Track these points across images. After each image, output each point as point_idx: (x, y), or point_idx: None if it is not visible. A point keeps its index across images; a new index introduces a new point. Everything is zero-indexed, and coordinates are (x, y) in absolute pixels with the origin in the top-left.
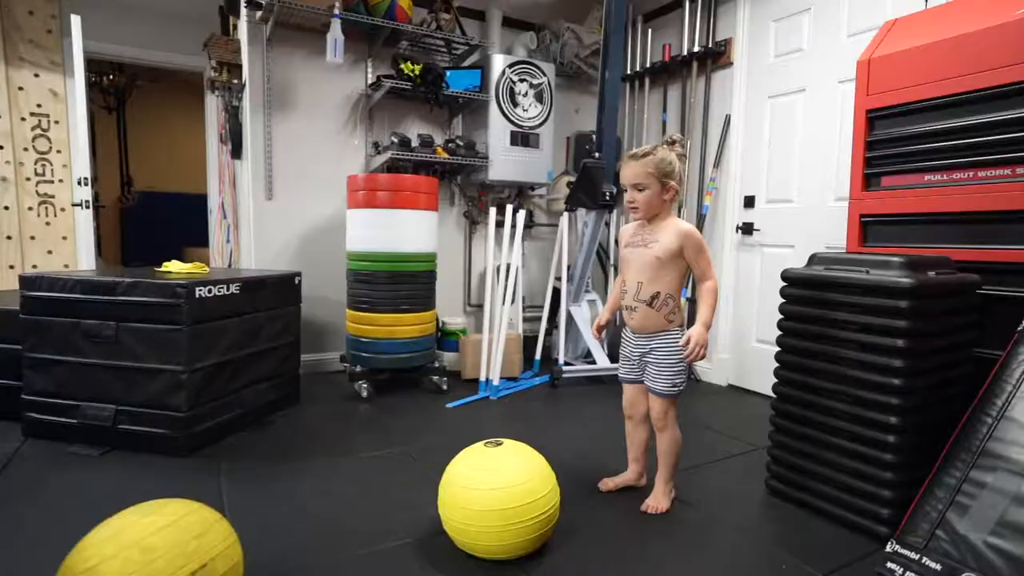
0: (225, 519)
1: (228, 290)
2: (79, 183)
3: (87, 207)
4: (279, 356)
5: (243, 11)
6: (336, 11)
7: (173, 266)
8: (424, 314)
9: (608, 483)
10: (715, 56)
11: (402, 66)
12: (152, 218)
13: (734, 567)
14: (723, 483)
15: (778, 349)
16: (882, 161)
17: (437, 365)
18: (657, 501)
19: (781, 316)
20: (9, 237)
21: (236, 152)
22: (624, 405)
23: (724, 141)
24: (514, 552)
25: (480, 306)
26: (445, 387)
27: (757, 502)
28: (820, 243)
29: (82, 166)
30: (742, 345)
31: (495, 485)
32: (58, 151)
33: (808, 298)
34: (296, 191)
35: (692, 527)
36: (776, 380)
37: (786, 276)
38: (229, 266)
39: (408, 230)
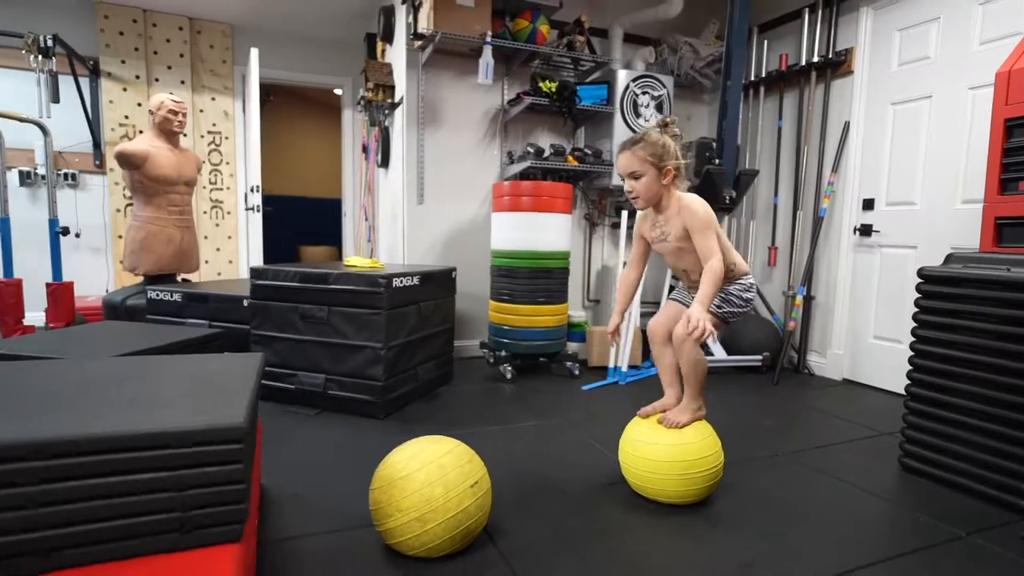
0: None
1: (413, 281)
2: (252, 190)
3: (257, 211)
4: (440, 340)
5: (404, 40)
6: (488, 38)
7: (355, 260)
8: (559, 306)
9: (647, 409)
10: (835, 65)
11: (540, 84)
12: (267, 219)
13: (878, 521)
14: (854, 460)
15: (913, 339)
16: (1019, 167)
17: (569, 352)
18: (676, 415)
19: (917, 309)
20: (206, 237)
21: (384, 162)
22: (652, 323)
23: (843, 146)
24: (688, 498)
25: (598, 301)
26: (577, 372)
27: (892, 476)
28: (944, 244)
29: (254, 175)
30: (858, 342)
31: (675, 442)
32: (227, 163)
33: (947, 294)
34: (443, 197)
35: (832, 490)
36: (912, 367)
37: (924, 274)
38: (371, 253)
39: (547, 231)
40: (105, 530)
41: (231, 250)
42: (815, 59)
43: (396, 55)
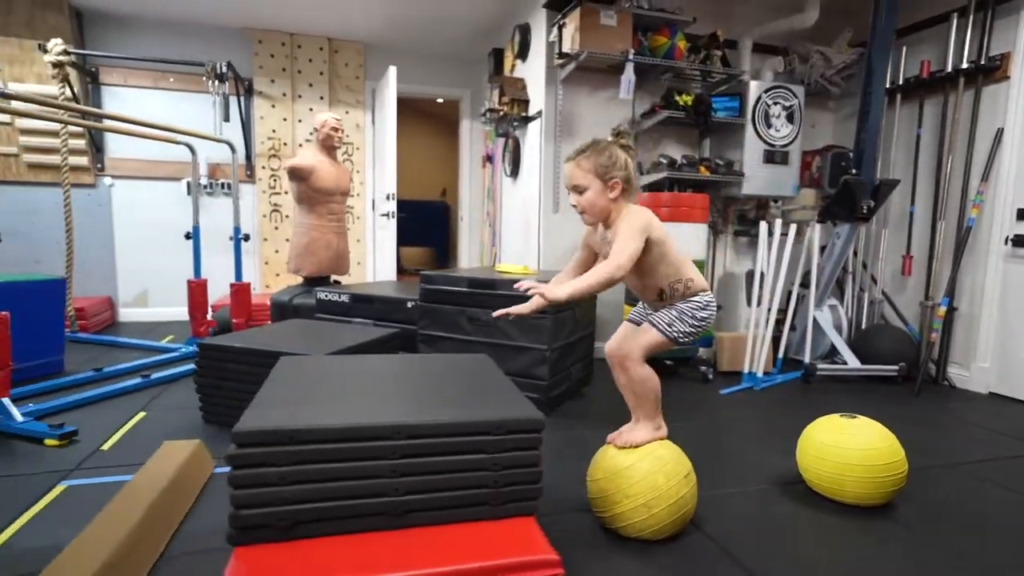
0: None
1: None
2: (387, 198)
3: (392, 217)
4: (586, 342)
5: (544, 56)
6: (630, 55)
7: (507, 267)
8: None
9: (614, 436)
10: (988, 71)
11: (676, 98)
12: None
13: None
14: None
15: None
16: None
17: (705, 357)
18: (631, 433)
19: None
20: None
21: (514, 172)
22: (608, 345)
23: (994, 155)
24: (872, 500)
25: (721, 307)
26: (711, 377)
27: None
28: None
29: (390, 184)
30: (1008, 355)
31: (862, 446)
32: (357, 171)
33: None
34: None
35: (1006, 502)
36: None
37: None
38: (493, 266)
39: (684, 239)
40: (440, 499)
41: (360, 253)
42: (964, 65)
43: (531, 70)
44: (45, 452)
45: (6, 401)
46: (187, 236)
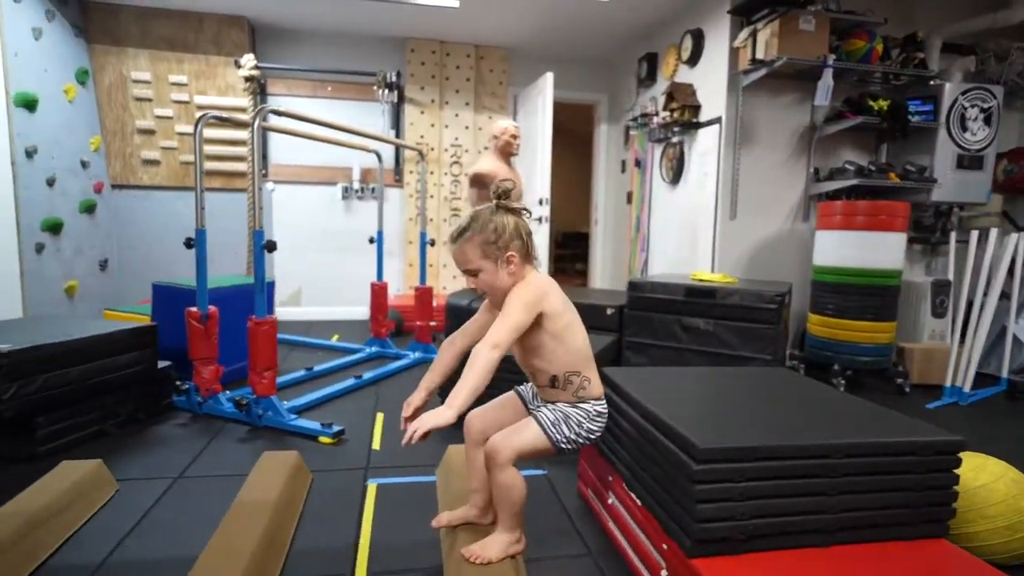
0: None
1: (785, 298)
2: (539, 202)
3: (544, 222)
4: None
5: (725, 62)
6: (829, 60)
7: (703, 274)
8: (887, 323)
9: (442, 518)
10: None
11: (871, 103)
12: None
13: None
14: None
15: None
16: None
17: (900, 369)
18: (481, 547)
19: None
20: (436, 242)
21: (675, 178)
22: (471, 415)
23: None
24: None
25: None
26: (907, 389)
27: None
28: None
29: (544, 188)
30: None
31: None
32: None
33: None
34: (750, 212)
35: None
36: None
37: None
38: (643, 271)
39: (881, 249)
40: (868, 517)
41: None
42: None
43: (704, 76)
44: (322, 449)
45: (277, 400)
46: (371, 240)
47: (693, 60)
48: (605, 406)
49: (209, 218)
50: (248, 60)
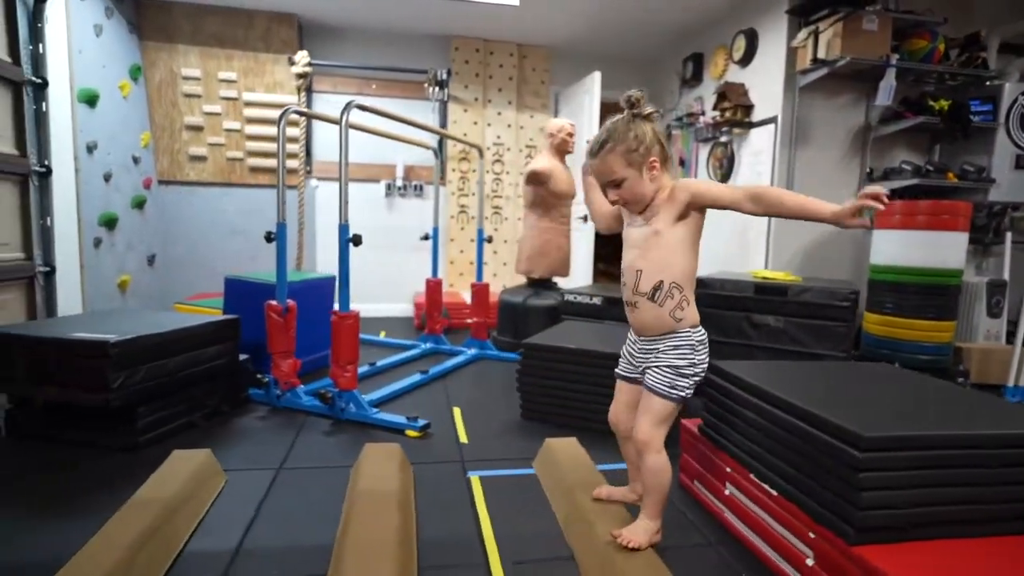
0: None
1: (853, 297)
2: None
3: (588, 220)
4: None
5: (783, 62)
6: (892, 60)
7: (764, 272)
8: (947, 323)
9: (602, 491)
10: None
11: (931, 103)
12: None
13: None
14: None
15: None
16: None
17: (962, 368)
18: (632, 532)
19: None
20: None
21: (725, 177)
22: (611, 413)
23: None
24: None
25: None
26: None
27: None
28: None
29: None
30: None
31: None
32: None
33: None
34: None
35: None
36: None
37: None
38: None
39: (943, 248)
40: (1017, 509)
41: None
42: None
43: (757, 75)
44: (408, 443)
45: (359, 394)
46: (425, 237)
47: (746, 60)
48: (704, 334)
49: (253, 214)
50: (302, 57)
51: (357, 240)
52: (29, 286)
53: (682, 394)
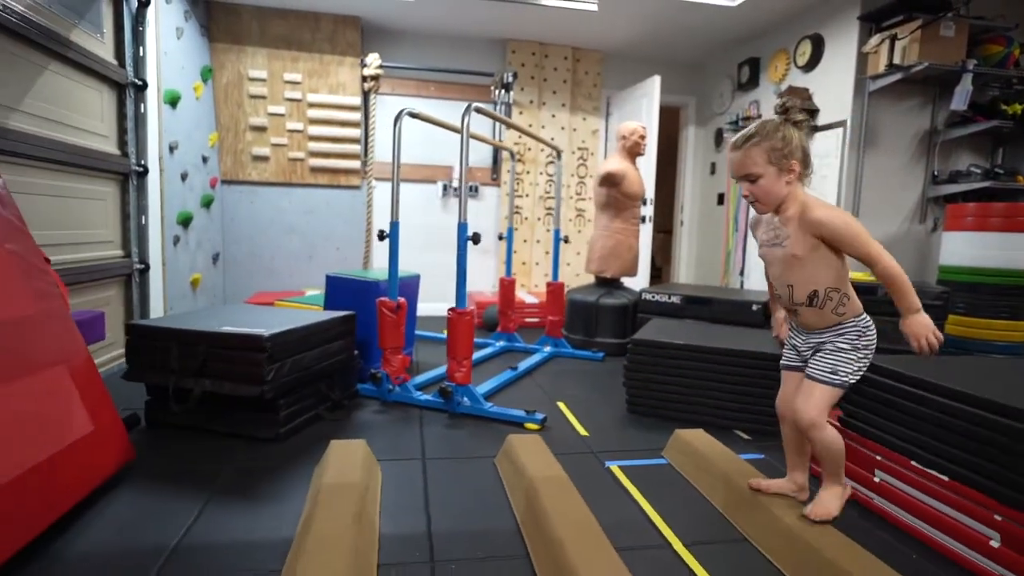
0: None
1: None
2: (643, 203)
3: (648, 221)
4: None
5: (853, 67)
6: (969, 65)
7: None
8: (1022, 323)
9: (760, 483)
10: None
11: (1004, 107)
12: None
13: None
14: None
15: None
16: None
17: None
18: (821, 506)
19: None
20: (566, 240)
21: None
22: (778, 401)
23: None
24: None
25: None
26: None
27: None
28: None
29: (648, 188)
30: None
31: None
32: (591, 176)
33: None
34: (871, 213)
35: None
36: None
37: None
38: (741, 274)
39: (1016, 250)
40: None
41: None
42: None
43: (823, 81)
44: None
45: (474, 388)
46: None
47: (810, 65)
48: (869, 319)
49: (311, 213)
50: (373, 60)
51: (476, 239)
52: (127, 283)
53: (844, 381)
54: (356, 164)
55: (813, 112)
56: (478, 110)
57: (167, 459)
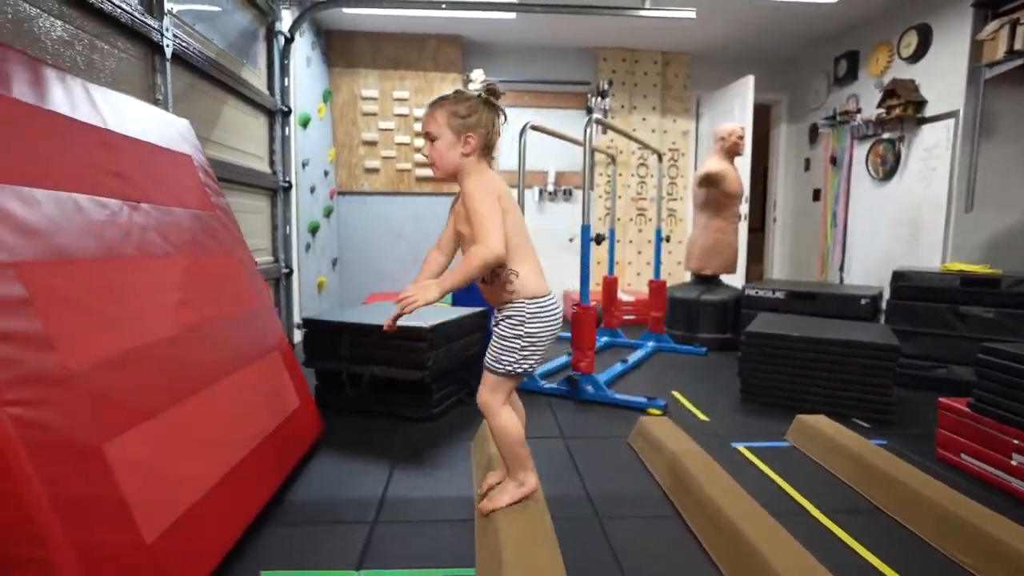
0: None
1: None
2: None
3: (744, 219)
4: None
5: (966, 56)
6: None
7: (959, 265)
8: None
9: (485, 485)
10: None
11: None
12: None
13: None
14: None
15: None
16: None
17: None
18: (489, 499)
19: None
20: (649, 242)
21: (889, 175)
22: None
23: None
24: None
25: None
26: None
27: None
28: None
29: (743, 187)
30: None
31: None
32: (681, 176)
33: None
34: (988, 204)
35: None
36: None
37: None
38: (841, 269)
39: None
40: None
41: (681, 252)
42: None
43: (931, 71)
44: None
45: (598, 376)
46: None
47: (916, 56)
48: (543, 302)
49: (417, 220)
50: (478, 75)
51: (600, 239)
52: (275, 286)
53: (507, 368)
54: None
55: (920, 104)
56: (598, 121)
57: (347, 434)
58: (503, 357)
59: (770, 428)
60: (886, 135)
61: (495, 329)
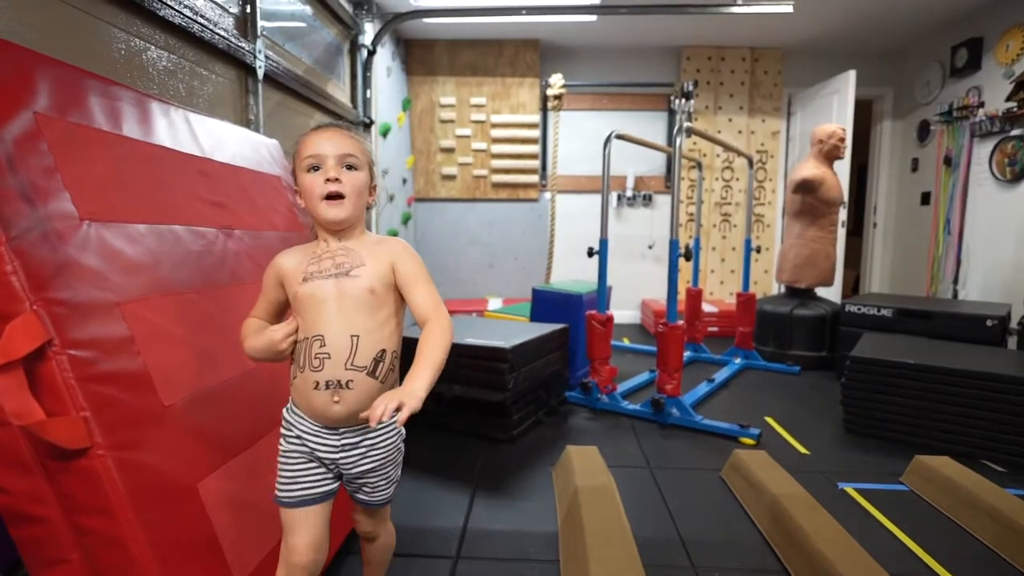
0: None
1: None
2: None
3: (843, 225)
4: None
5: None
6: None
7: None
8: None
9: None
10: None
11: None
12: None
13: None
14: None
15: None
16: None
17: None
18: None
19: None
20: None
21: (1020, 176)
22: (301, 549)
23: None
24: None
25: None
26: None
27: None
28: None
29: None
30: None
31: None
32: (769, 179)
33: None
34: None
35: None
36: None
37: None
38: (955, 282)
39: None
40: None
41: (768, 261)
42: None
43: None
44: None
45: (685, 401)
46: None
47: None
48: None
49: (492, 225)
50: (557, 80)
51: (689, 254)
52: None
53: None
54: (534, 179)
55: None
56: (689, 130)
57: (428, 451)
58: (398, 473)
59: (882, 467)
60: (1015, 132)
61: (379, 455)
